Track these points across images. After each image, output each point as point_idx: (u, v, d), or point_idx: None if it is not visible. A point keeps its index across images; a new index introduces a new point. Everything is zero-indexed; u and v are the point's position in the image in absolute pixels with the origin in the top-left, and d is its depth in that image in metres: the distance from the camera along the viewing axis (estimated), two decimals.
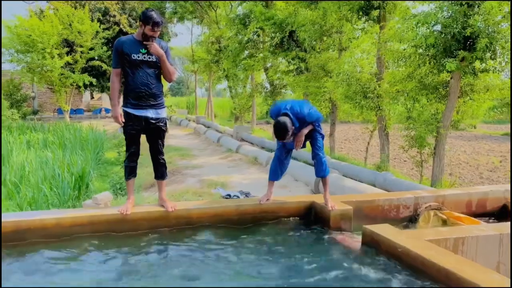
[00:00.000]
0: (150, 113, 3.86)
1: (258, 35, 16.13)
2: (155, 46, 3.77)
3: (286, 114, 3.86)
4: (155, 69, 3.87)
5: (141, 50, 3.78)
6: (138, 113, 3.83)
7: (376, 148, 14.92)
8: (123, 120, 3.83)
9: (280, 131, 3.82)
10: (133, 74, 3.78)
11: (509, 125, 30.21)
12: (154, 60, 3.83)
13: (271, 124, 21.18)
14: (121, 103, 4.00)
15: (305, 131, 4.01)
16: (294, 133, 3.92)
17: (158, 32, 3.77)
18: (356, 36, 11.70)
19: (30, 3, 31.40)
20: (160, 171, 4.09)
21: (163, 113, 3.95)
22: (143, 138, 3.98)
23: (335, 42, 12.39)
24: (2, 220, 3.43)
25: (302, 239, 3.78)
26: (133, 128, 3.86)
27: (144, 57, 3.79)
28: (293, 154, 4.51)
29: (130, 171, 3.99)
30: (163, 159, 4.08)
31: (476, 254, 3.29)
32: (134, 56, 3.75)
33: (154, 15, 3.70)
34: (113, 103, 3.87)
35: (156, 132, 3.95)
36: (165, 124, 4.01)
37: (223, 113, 38.69)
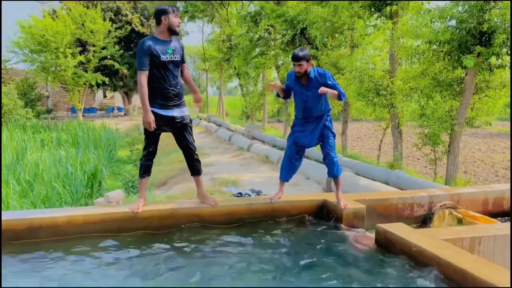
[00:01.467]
0: (175, 113, 3.87)
1: (269, 33, 16.06)
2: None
3: None
4: (179, 68, 3.91)
5: (168, 51, 3.78)
6: (165, 113, 3.83)
7: (389, 146, 14.77)
8: (155, 126, 3.76)
9: (299, 52, 3.92)
10: (162, 75, 3.77)
11: None
12: (179, 59, 3.87)
13: (283, 123, 21.14)
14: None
15: (332, 90, 3.94)
16: (310, 81, 3.99)
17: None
18: (368, 33, 11.56)
19: (44, 3, 31.71)
20: (195, 167, 4.13)
21: (185, 110, 3.99)
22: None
23: (347, 39, 12.27)
24: (16, 217, 3.46)
25: (314, 237, 3.73)
26: (159, 128, 3.85)
27: (171, 58, 3.79)
28: (304, 152, 4.46)
29: (146, 169, 3.98)
30: (197, 154, 4.12)
31: (493, 254, 3.21)
32: (163, 58, 3.73)
33: (167, 4, 3.80)
34: (145, 107, 3.69)
35: (183, 130, 3.97)
36: (190, 120, 4.05)
37: (234, 112, 38.70)
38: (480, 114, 9.01)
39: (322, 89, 3.83)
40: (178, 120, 3.89)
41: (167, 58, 3.75)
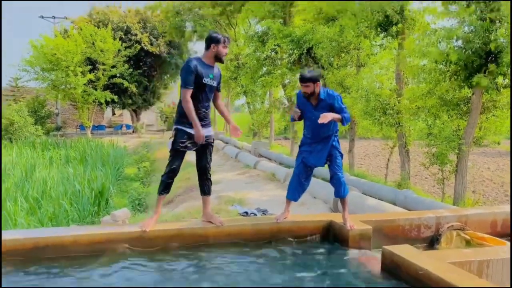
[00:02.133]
0: (204, 132, 3.95)
1: (276, 52, 16.19)
2: None
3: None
4: (213, 93, 4.08)
5: (209, 75, 3.93)
6: (194, 132, 3.91)
7: (396, 165, 14.68)
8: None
9: (307, 72, 3.97)
10: (198, 96, 3.90)
11: None
12: (215, 85, 4.04)
13: (289, 140, 21.08)
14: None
15: (334, 115, 3.96)
16: (319, 101, 4.01)
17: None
18: (375, 52, 11.63)
19: (57, 24, 32.45)
20: (207, 186, 4.19)
21: (211, 130, 4.15)
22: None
23: (353, 59, 12.34)
24: (22, 237, 3.48)
25: (320, 259, 3.71)
26: (186, 146, 3.93)
27: (211, 82, 3.96)
28: (312, 172, 4.45)
29: (166, 186, 4.01)
30: (210, 174, 4.20)
31: (502, 278, 3.16)
32: (205, 80, 3.89)
33: (220, 34, 3.98)
34: (195, 123, 3.84)
35: (207, 148, 4.09)
36: (213, 140, 4.21)
37: (241, 129, 38.42)
38: (488, 134, 8.95)
39: (325, 115, 3.85)
40: (206, 139, 4.02)
41: (207, 82, 3.92)
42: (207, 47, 3.94)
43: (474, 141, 8.24)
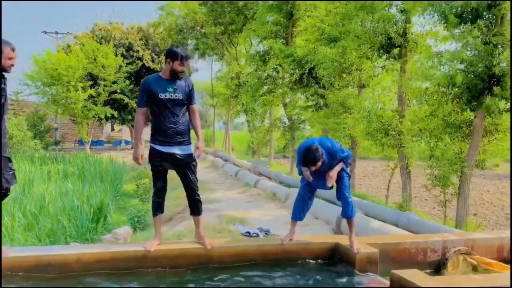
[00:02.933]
0: (176, 150, 3.85)
1: (277, 72, 16.34)
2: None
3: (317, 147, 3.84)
4: (181, 106, 3.89)
5: (168, 89, 3.82)
6: (165, 150, 3.84)
7: (396, 186, 14.65)
8: (142, 163, 3.91)
9: (310, 155, 3.78)
10: (161, 112, 3.81)
11: None
12: (181, 98, 3.86)
13: (289, 159, 21.13)
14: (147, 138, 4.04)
15: (338, 167, 3.95)
16: (323, 164, 3.88)
17: (186, 67, 3.84)
18: (376, 74, 11.72)
19: (60, 38, 32.74)
20: (195, 207, 4.07)
21: (188, 149, 3.94)
22: (170, 174, 3.98)
23: (354, 79, 12.44)
24: (24, 254, 3.41)
25: (326, 282, 3.64)
26: (160, 165, 3.88)
27: (171, 96, 3.82)
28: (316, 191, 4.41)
29: (157, 206, 3.97)
30: (198, 194, 4.05)
31: None
32: (161, 95, 3.78)
33: (180, 50, 3.82)
34: (136, 143, 3.88)
35: (186, 168, 3.93)
36: (193, 159, 3.97)
37: (240, 146, 38.83)
38: (489, 156, 8.96)
39: (331, 177, 3.91)
40: (179, 157, 3.86)
41: (165, 96, 3.79)
42: (166, 61, 3.88)
43: (476, 163, 8.24)
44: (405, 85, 9.15)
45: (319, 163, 3.81)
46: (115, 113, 27.41)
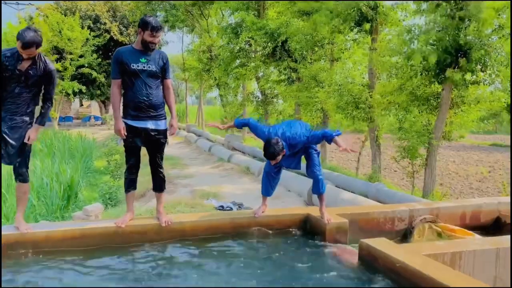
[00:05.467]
0: (149, 125, 3.75)
1: (250, 45, 16.15)
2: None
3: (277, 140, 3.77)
4: (155, 78, 3.77)
5: (140, 60, 3.69)
6: (138, 125, 3.73)
7: (366, 158, 14.98)
8: (125, 134, 3.72)
9: (270, 149, 3.74)
10: (132, 84, 3.69)
11: (497, 136, 30.63)
12: (154, 69, 3.74)
13: None
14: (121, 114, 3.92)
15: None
16: (284, 156, 3.86)
17: (158, 38, 3.71)
18: (348, 47, 11.77)
19: (21, 9, 31.15)
20: (158, 183, 4.01)
21: (163, 124, 3.83)
22: (143, 150, 3.90)
23: (326, 53, 12.45)
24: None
25: (297, 252, 3.73)
26: (133, 140, 3.77)
27: (144, 67, 3.69)
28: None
29: (129, 183, 3.90)
30: (162, 172, 3.98)
31: (473, 268, 3.27)
32: (133, 66, 3.66)
33: (152, 20, 3.66)
34: (116, 115, 3.73)
35: (155, 145, 3.85)
36: (165, 136, 3.88)
37: (213, 121, 38.62)
38: (455, 128, 9.24)
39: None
40: (152, 133, 3.77)
41: (138, 67, 3.67)
42: (138, 31, 3.75)
43: (443, 135, 8.50)
44: (375, 59, 9.23)
45: (279, 157, 3.78)
46: (83, 88, 26.66)
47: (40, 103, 3.67)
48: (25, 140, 3.50)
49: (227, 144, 16.09)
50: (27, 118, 3.52)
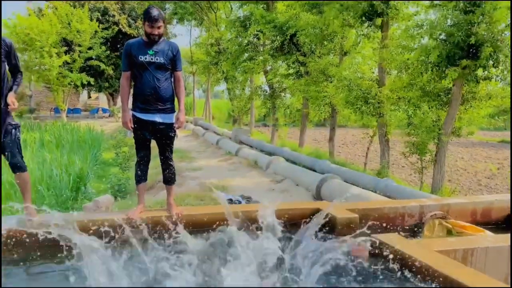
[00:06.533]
0: (157, 118, 3.74)
1: (258, 38, 16.10)
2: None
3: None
4: (163, 71, 3.75)
5: (148, 52, 3.69)
6: (146, 118, 3.74)
7: (374, 153, 14.93)
8: (132, 126, 3.74)
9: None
10: (141, 76, 3.70)
11: (506, 132, 30.37)
12: (162, 62, 3.72)
13: (269, 127, 21.12)
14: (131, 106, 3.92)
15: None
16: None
17: (159, 30, 3.68)
18: (358, 42, 11.69)
19: (29, 2, 31.26)
20: (168, 176, 4.01)
21: (171, 118, 3.83)
22: (153, 142, 3.92)
23: (336, 47, 12.38)
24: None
25: (308, 245, 3.73)
26: (142, 133, 3.78)
27: (152, 59, 3.69)
28: (293, 158, 4.43)
29: (140, 175, 3.91)
30: (172, 165, 3.98)
31: (485, 265, 3.25)
32: (141, 58, 3.67)
33: (152, 10, 3.65)
34: (123, 107, 3.79)
35: (164, 138, 3.84)
36: (173, 129, 3.86)
37: (220, 115, 38.66)
38: (465, 124, 9.18)
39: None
40: (160, 126, 3.77)
41: (145, 59, 3.67)
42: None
43: (453, 131, 8.44)
44: (386, 55, 9.17)
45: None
46: (92, 80, 26.72)
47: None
48: (9, 107, 3.51)
49: (234, 138, 16.10)
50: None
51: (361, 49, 12.15)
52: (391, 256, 3.15)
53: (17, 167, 3.53)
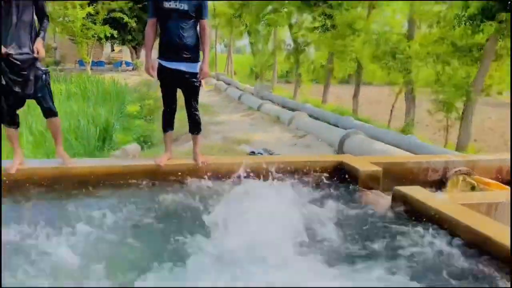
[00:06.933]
0: (183, 67, 3.72)
1: None
2: None
3: None
4: (188, 19, 3.67)
5: None
6: (171, 66, 3.73)
7: (397, 111, 14.67)
8: (155, 74, 3.78)
9: None
10: (166, 23, 3.66)
11: None
12: (186, 9, 3.63)
13: (292, 83, 20.89)
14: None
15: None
16: None
17: None
18: None
19: None
20: (194, 125, 4.06)
21: (195, 67, 3.79)
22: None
23: None
24: (42, 166, 3.53)
25: (330, 198, 3.79)
26: (168, 81, 3.81)
27: (176, 5, 3.60)
28: (316, 114, 4.41)
29: (167, 123, 3.98)
30: (198, 115, 4.01)
31: (508, 220, 3.26)
32: (166, 4, 3.60)
33: None
34: (146, 54, 3.82)
35: (189, 87, 3.85)
36: (198, 79, 3.83)
37: (242, 71, 38.25)
38: (496, 81, 8.89)
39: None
40: (186, 76, 3.75)
41: (170, 5, 3.59)
42: None
43: (483, 89, 8.19)
44: (417, 8, 8.80)
45: None
46: (115, 33, 26.63)
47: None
48: (35, 54, 3.46)
49: (257, 94, 16.03)
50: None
51: (391, 2, 11.65)
52: (413, 207, 3.18)
53: (50, 111, 3.61)
